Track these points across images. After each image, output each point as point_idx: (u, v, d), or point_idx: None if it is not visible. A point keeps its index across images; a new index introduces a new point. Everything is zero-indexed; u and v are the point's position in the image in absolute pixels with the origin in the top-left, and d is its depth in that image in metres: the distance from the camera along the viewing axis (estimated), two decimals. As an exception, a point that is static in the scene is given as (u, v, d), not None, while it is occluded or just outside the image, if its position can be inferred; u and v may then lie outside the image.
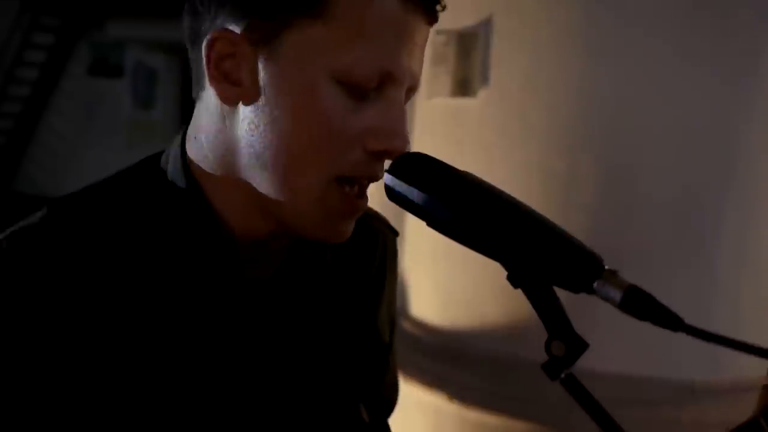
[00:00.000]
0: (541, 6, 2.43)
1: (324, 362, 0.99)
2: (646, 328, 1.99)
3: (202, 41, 0.82)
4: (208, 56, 0.81)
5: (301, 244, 0.94)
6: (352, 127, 0.81)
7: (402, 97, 0.84)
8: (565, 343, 0.73)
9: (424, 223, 0.80)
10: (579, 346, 0.72)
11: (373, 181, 0.85)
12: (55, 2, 10.58)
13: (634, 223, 2.38)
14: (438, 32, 2.66)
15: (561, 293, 0.75)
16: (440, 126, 2.69)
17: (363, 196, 0.85)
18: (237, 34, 0.80)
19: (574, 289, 0.72)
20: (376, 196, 0.90)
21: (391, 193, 0.80)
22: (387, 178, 0.81)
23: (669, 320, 0.68)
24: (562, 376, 0.72)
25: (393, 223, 2.37)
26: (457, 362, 2.56)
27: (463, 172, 0.80)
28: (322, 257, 0.96)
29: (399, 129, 0.82)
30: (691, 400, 2.29)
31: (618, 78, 2.37)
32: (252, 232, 0.88)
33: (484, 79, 2.51)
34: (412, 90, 0.86)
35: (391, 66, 0.80)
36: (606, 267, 0.71)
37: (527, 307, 2.28)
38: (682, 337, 0.73)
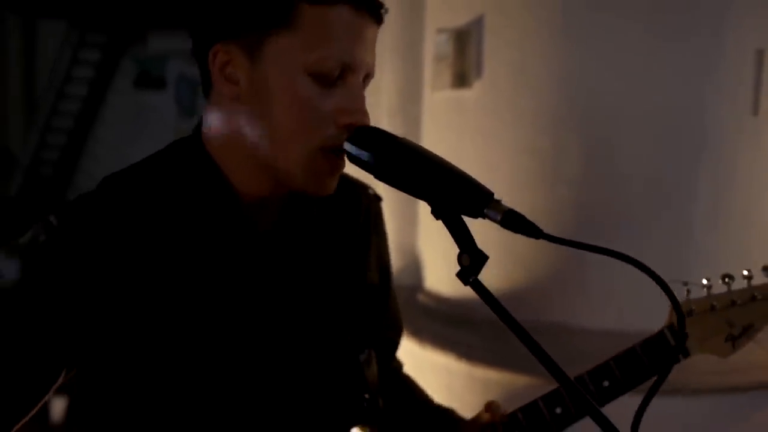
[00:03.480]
0: (526, 4, 2.66)
1: (319, 298, 1.18)
2: (631, 289, 2.25)
3: (206, 54, 1.06)
4: (213, 64, 1.05)
5: (293, 202, 1.17)
6: (324, 108, 1.03)
7: (360, 83, 1.06)
8: (470, 256, 0.95)
9: None
10: (481, 258, 0.94)
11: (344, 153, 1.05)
12: (100, 19, 10.98)
13: (616, 194, 2.58)
14: (439, 31, 2.91)
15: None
16: (443, 115, 2.95)
17: (341, 158, 1.06)
18: (232, 45, 1.05)
19: (474, 214, 0.95)
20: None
21: (350, 156, 1.04)
22: (346, 145, 1.03)
23: (533, 231, 0.91)
24: (471, 280, 0.94)
25: (404, 207, 2.78)
26: (465, 326, 2.77)
27: (400, 138, 1.03)
28: (311, 212, 1.19)
29: (359, 106, 1.05)
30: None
31: (596, 64, 2.57)
32: (254, 192, 1.11)
33: (479, 71, 2.75)
34: (368, 77, 1.09)
35: (348, 59, 1.03)
36: (494, 198, 0.94)
37: (525, 275, 2.58)
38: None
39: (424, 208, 3.24)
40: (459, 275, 0.95)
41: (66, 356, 1.07)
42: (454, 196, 0.95)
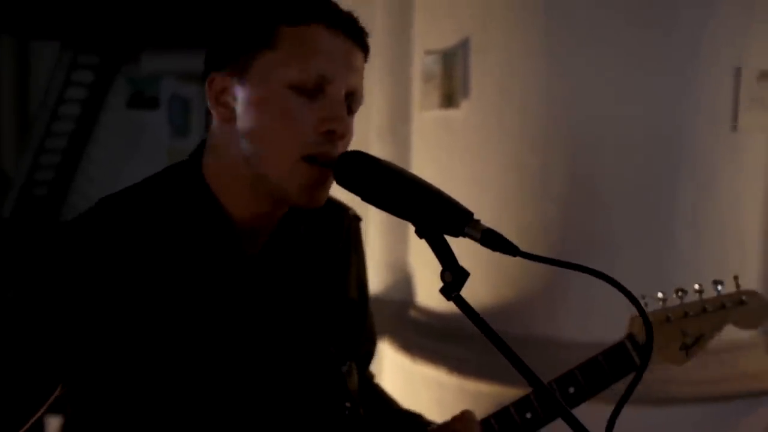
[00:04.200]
0: (509, 25, 2.73)
1: (304, 314, 1.26)
2: (612, 302, 2.32)
3: (204, 85, 1.17)
4: (210, 91, 1.17)
5: (282, 226, 1.24)
6: (305, 118, 1.11)
7: (340, 95, 1.13)
8: (452, 273, 1.01)
9: None
10: (462, 274, 1.01)
11: (330, 158, 1.11)
12: (93, 40, 11.01)
13: (601, 209, 2.65)
14: (427, 52, 2.99)
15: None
16: (432, 134, 3.02)
17: (325, 169, 1.12)
18: (225, 73, 1.15)
19: (455, 233, 1.01)
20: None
21: (338, 179, 1.10)
22: (334, 169, 1.11)
23: (510, 249, 0.98)
24: (453, 295, 1.00)
25: (394, 225, 2.84)
26: (455, 340, 2.82)
27: (383, 161, 1.09)
28: (298, 233, 1.26)
29: (338, 114, 1.12)
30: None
31: (580, 83, 2.65)
32: (248, 215, 1.18)
33: (466, 91, 2.83)
34: (354, 97, 1.16)
35: (324, 72, 1.11)
36: (474, 218, 1.00)
37: (512, 291, 2.65)
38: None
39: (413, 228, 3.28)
40: (442, 291, 1.01)
41: (60, 372, 1.13)
42: (436, 216, 1.02)
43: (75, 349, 1.11)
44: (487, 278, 2.76)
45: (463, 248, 1.05)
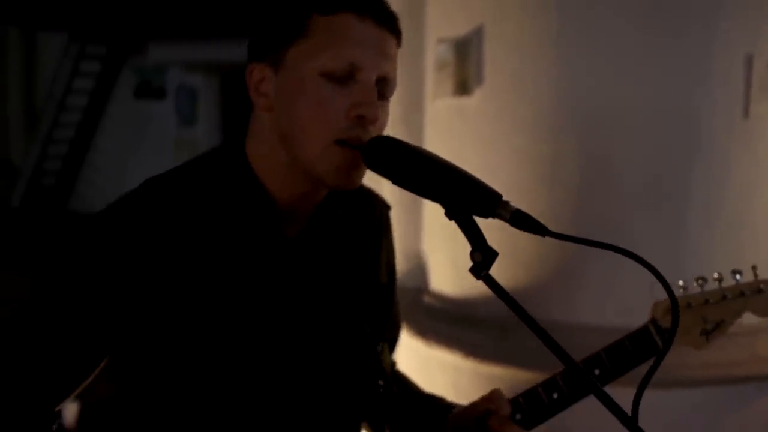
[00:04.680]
0: (524, 14, 2.76)
1: (340, 295, 1.28)
2: (626, 287, 2.38)
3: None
4: (249, 81, 1.18)
5: (320, 211, 1.27)
6: (337, 103, 1.13)
7: (370, 80, 1.14)
8: (482, 253, 1.04)
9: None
10: (491, 254, 1.03)
11: (361, 142, 1.14)
12: (100, 30, 11.05)
13: (613, 197, 2.69)
14: (440, 41, 3.02)
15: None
16: (445, 122, 3.05)
17: (357, 152, 1.13)
18: (263, 63, 1.18)
19: (485, 215, 1.04)
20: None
21: (368, 163, 1.13)
22: (363, 153, 1.11)
23: (539, 229, 1.00)
24: (483, 274, 1.03)
25: (409, 213, 2.88)
26: (470, 325, 2.89)
27: (413, 146, 1.13)
28: (334, 217, 1.30)
29: (368, 100, 1.13)
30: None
31: (592, 71, 2.68)
32: (289, 199, 1.20)
33: (479, 79, 2.86)
34: (386, 83, 1.18)
35: (354, 58, 1.13)
36: (503, 199, 1.03)
37: (525, 275, 2.69)
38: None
39: (427, 213, 3.35)
40: (472, 270, 1.04)
41: (108, 342, 1.17)
42: (466, 198, 1.05)
43: (123, 322, 1.15)
44: (500, 261, 2.79)
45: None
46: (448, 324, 2.99)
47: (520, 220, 1.01)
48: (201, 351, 1.17)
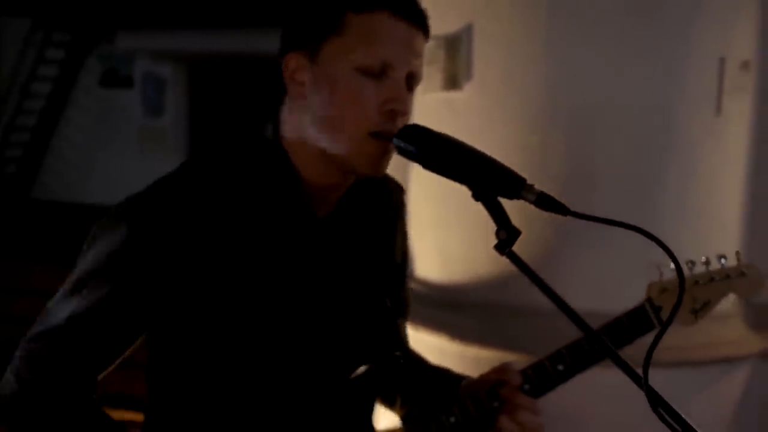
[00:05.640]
0: (513, 11, 2.88)
1: (363, 271, 1.38)
2: (610, 273, 2.50)
3: (281, 63, 1.26)
4: (286, 70, 1.25)
5: (348, 194, 1.34)
6: (369, 98, 1.21)
7: (401, 77, 1.22)
8: (507, 231, 1.12)
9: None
10: (515, 232, 1.12)
11: (392, 134, 1.21)
12: (65, 18, 10.90)
13: (595, 188, 2.82)
14: (430, 38, 3.12)
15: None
16: (435, 116, 3.16)
17: (388, 143, 1.22)
18: (300, 54, 1.24)
19: (511, 196, 1.11)
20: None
21: (399, 150, 1.21)
22: (395, 141, 1.21)
23: (561, 209, 1.11)
24: (507, 251, 1.11)
25: None
26: (455, 309, 3.00)
27: (441, 133, 1.22)
28: (361, 200, 1.38)
29: (399, 96, 1.22)
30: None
31: (577, 68, 2.82)
32: (319, 183, 1.29)
33: (469, 75, 2.97)
34: (414, 77, 1.26)
35: (387, 57, 1.21)
36: (528, 183, 1.11)
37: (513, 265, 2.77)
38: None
39: (414, 202, 3.41)
40: (497, 247, 1.12)
41: (148, 316, 1.26)
42: (494, 181, 1.13)
43: (164, 295, 1.23)
44: (485, 253, 2.92)
45: (466, 222, 1.16)
46: (434, 309, 3.10)
47: (545, 202, 1.11)
48: (234, 322, 1.25)
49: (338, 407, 1.35)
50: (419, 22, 1.26)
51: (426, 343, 3.06)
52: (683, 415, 1.02)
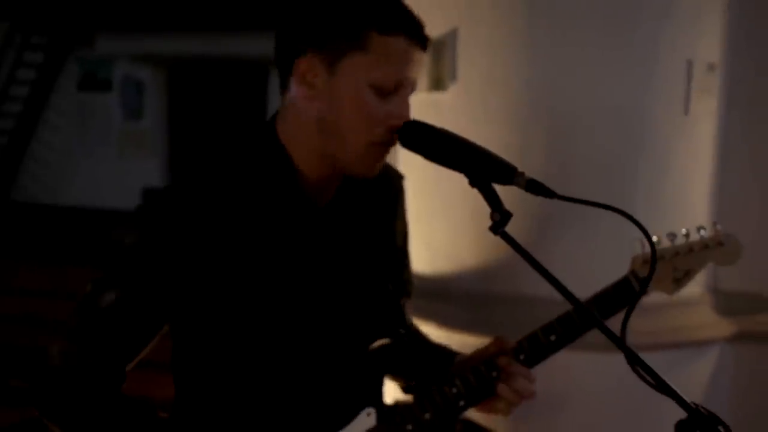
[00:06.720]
0: (494, 17, 3.04)
1: (365, 256, 1.42)
2: (590, 262, 2.66)
3: (290, 61, 1.29)
4: (297, 71, 1.28)
5: (346, 183, 1.39)
6: (379, 113, 1.27)
7: (407, 93, 1.31)
8: (500, 214, 1.23)
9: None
10: (507, 215, 1.23)
11: (391, 144, 1.31)
12: (44, 22, 10.79)
13: (574, 182, 2.97)
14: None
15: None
16: (421, 116, 3.27)
17: (387, 150, 1.31)
18: (315, 58, 1.27)
19: (504, 182, 1.23)
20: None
21: (402, 142, 1.29)
22: (399, 135, 1.29)
23: (549, 193, 1.22)
24: (500, 231, 1.22)
25: None
26: (442, 299, 3.14)
27: (440, 128, 1.30)
28: (359, 189, 1.41)
29: (406, 114, 1.30)
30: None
31: (556, 71, 2.99)
32: (316, 175, 1.34)
33: (453, 77, 3.12)
34: (413, 89, 1.33)
35: (401, 77, 1.27)
36: (519, 170, 1.23)
37: (495, 252, 3.00)
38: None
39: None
40: (491, 228, 1.23)
41: (168, 310, 1.33)
42: (489, 169, 1.25)
43: (183, 288, 1.29)
44: (469, 245, 3.08)
45: (452, 216, 1.27)
46: (422, 298, 3.24)
47: (534, 187, 1.23)
48: (245, 311, 1.31)
49: (348, 384, 1.41)
50: (425, 45, 1.32)
51: (414, 331, 3.21)
52: (657, 373, 1.16)
